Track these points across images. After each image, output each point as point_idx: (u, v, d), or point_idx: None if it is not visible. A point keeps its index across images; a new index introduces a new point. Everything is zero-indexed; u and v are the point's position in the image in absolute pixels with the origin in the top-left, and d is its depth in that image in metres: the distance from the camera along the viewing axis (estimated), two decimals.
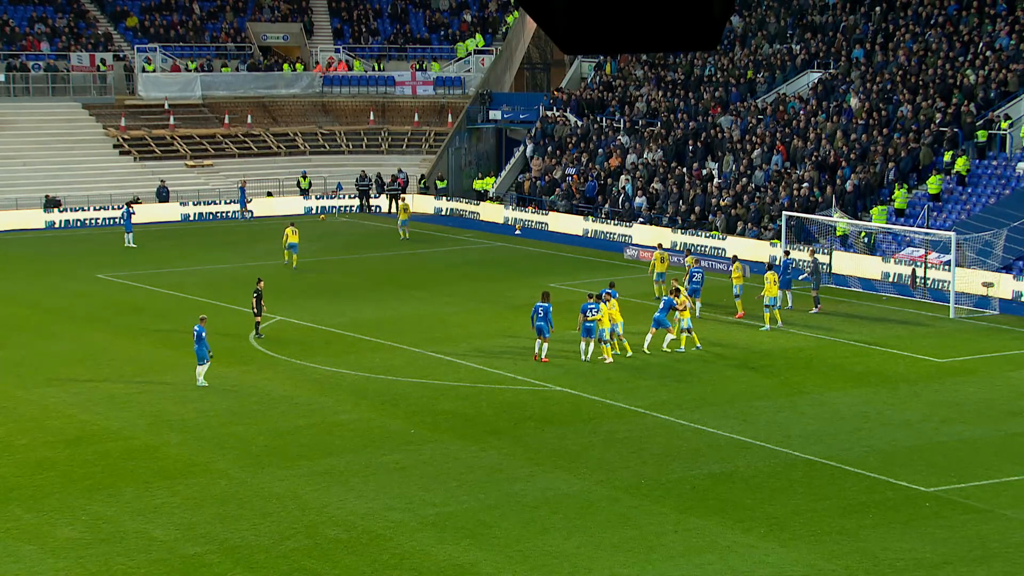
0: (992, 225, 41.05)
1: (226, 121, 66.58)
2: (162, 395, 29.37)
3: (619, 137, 58.84)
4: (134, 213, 51.35)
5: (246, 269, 46.71)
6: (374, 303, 40.11)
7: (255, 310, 34.39)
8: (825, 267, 40.33)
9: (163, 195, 60.35)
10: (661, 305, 32.55)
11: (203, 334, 29.57)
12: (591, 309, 31.42)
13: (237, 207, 59.36)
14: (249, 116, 67.05)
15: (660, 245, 41.73)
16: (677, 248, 47.71)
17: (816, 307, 37.78)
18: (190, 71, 68.01)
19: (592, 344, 31.43)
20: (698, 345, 32.61)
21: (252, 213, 58.91)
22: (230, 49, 70.77)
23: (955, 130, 48.18)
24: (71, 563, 19.85)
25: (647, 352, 32.14)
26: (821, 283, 38.97)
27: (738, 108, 56.14)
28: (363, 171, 62.80)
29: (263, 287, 34.77)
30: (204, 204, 59.96)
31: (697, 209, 51.78)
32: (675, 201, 52.96)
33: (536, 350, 31.58)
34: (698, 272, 36.74)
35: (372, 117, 68.66)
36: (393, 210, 60.92)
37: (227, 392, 29.45)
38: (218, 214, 59.63)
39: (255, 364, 32.07)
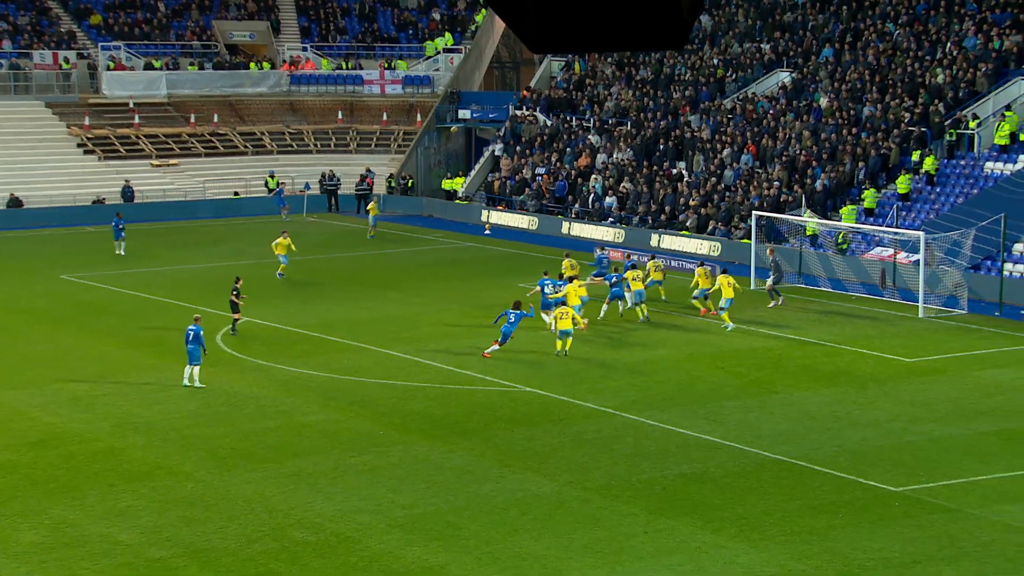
0: (961, 225, 41.40)
1: (192, 120, 66.21)
2: (127, 397, 29.18)
3: (589, 136, 58.95)
4: (122, 225, 48.52)
5: (211, 270, 46.50)
6: (342, 303, 39.99)
7: (233, 308, 34.82)
8: (785, 265, 40.39)
9: (128, 195, 59.96)
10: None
11: (200, 334, 29.30)
12: (548, 285, 34.18)
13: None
14: (215, 115, 66.72)
15: (703, 262, 41.01)
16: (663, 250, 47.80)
17: (773, 301, 38.09)
18: (155, 69, 67.60)
19: (551, 315, 33.10)
20: (646, 315, 35.51)
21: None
22: (196, 47, 70.41)
23: (924, 129, 48.55)
24: (34, 567, 19.69)
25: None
26: (783, 279, 39.20)
27: (708, 107, 56.36)
28: (331, 170, 62.63)
29: (241, 285, 34.96)
30: (170, 204, 59.64)
31: (667, 209, 51.94)
32: (645, 201, 53.11)
33: (490, 349, 31.78)
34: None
35: (340, 116, 68.46)
36: (362, 210, 60.83)
37: (193, 393, 29.29)
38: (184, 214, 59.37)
39: (222, 365, 31.91)
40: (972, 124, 47.42)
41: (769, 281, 38.97)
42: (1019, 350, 33.62)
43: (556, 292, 34.27)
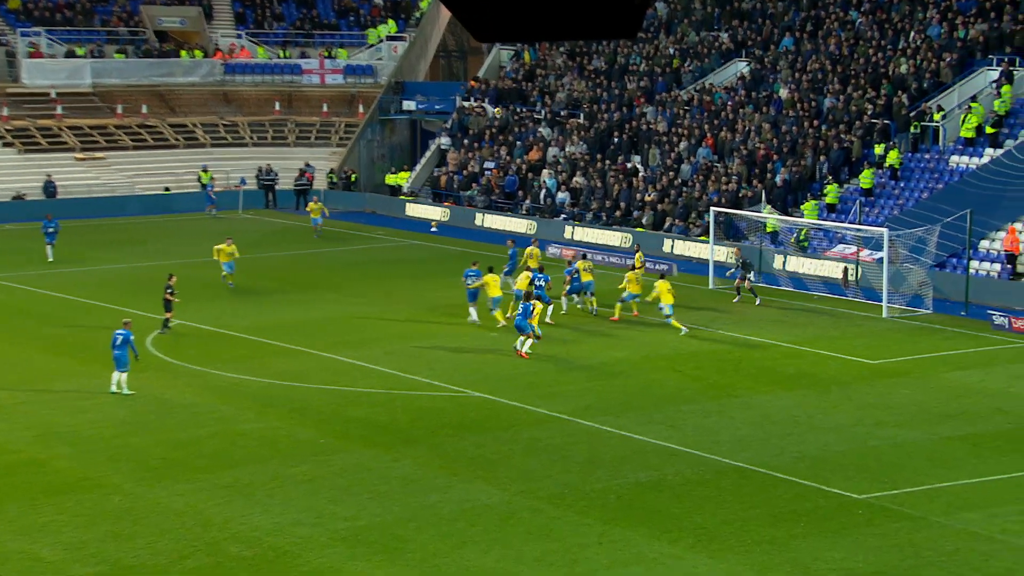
0: (925, 221, 41.92)
1: (119, 111, 65.61)
2: (51, 405, 28.89)
3: (540, 129, 59.09)
4: (54, 227, 46.11)
5: (140, 269, 46.09)
6: (280, 305, 39.80)
7: (166, 306, 34.80)
8: (752, 265, 40.69)
9: (50, 190, 59.30)
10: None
11: (130, 339, 29.03)
12: (472, 276, 35.70)
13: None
14: (144, 106, 66.15)
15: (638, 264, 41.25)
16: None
17: (738, 296, 38.77)
18: (79, 57, 66.90)
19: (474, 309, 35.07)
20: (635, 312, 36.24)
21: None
22: (123, 34, 69.78)
23: (887, 122, 49.13)
24: None
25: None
26: (748, 277, 39.40)
27: (664, 99, 56.68)
28: (268, 164, 62.31)
29: (175, 283, 34.91)
30: (96, 199, 59.09)
31: (622, 205, 52.17)
32: (599, 196, 53.33)
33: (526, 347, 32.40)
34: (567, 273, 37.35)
35: (277, 107, 68.13)
36: (301, 207, 60.54)
37: (122, 401, 29.04)
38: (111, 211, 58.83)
39: (152, 371, 31.66)
40: (937, 116, 48.04)
41: (737, 279, 39.18)
42: (986, 351, 34.12)
43: (476, 283, 35.48)
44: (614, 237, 49.97)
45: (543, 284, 35.60)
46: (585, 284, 37.26)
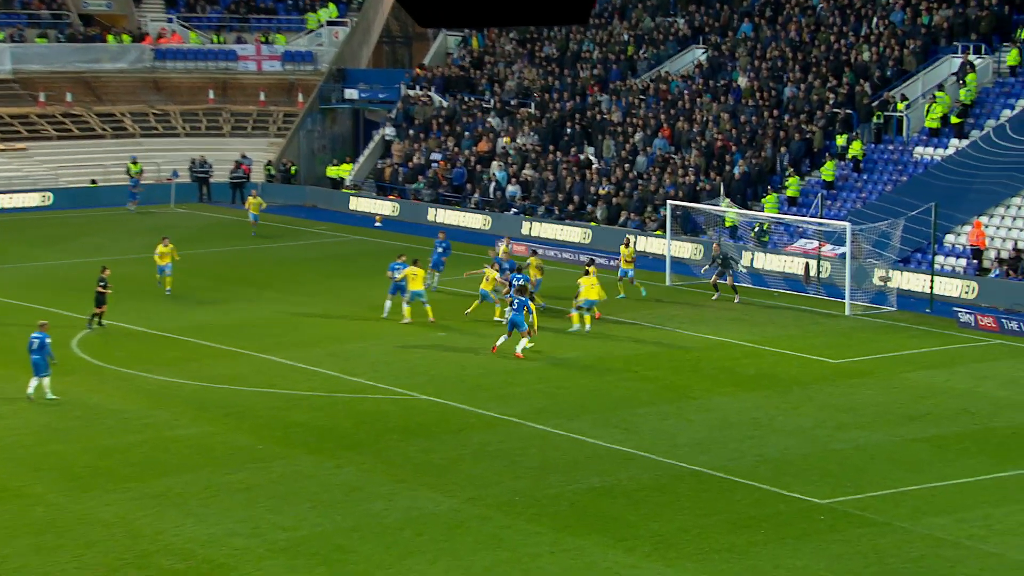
0: (889, 214, 42.31)
1: (41, 99, 64.87)
2: None
3: (489, 119, 59.08)
4: None
5: (65, 267, 45.64)
6: (216, 304, 39.54)
7: (97, 300, 34.47)
8: (735, 261, 40.60)
9: None
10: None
11: (46, 341, 28.64)
12: (397, 268, 36.00)
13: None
14: (68, 94, 65.45)
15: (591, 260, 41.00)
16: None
17: (718, 292, 38.91)
18: None
19: (404, 303, 35.58)
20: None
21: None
22: (45, 17, 68.95)
23: (849, 112, 49.55)
24: None
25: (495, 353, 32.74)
26: (730, 274, 39.26)
27: (618, 87, 56.85)
28: (202, 156, 61.88)
29: (108, 275, 34.70)
30: (15, 193, 58.39)
31: (575, 198, 52.29)
32: (551, 189, 53.41)
33: (501, 342, 32.58)
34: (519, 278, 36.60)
35: (211, 96, 67.64)
36: (238, 201, 60.17)
37: (44, 406, 28.73)
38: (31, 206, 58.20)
39: (78, 374, 31.36)
40: (900, 106, 48.52)
41: (714, 275, 39.21)
42: (951, 349, 34.52)
43: (401, 274, 35.90)
44: (574, 233, 49.86)
45: (516, 284, 35.04)
46: (536, 282, 37.30)
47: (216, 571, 20.27)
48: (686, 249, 45.68)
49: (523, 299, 32.52)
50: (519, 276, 35.18)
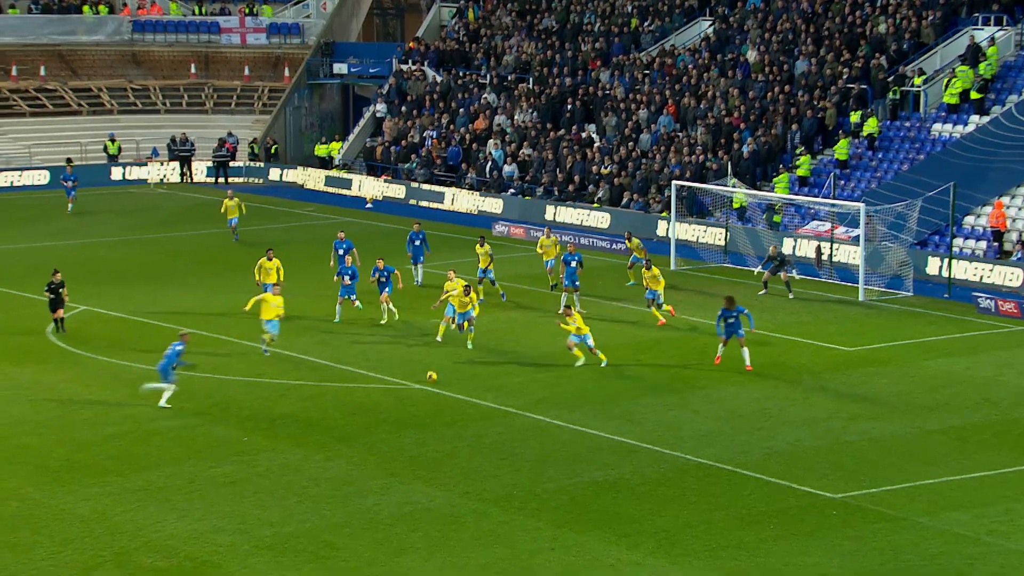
0: (905, 195, 42.34)
1: (13, 73, 64.81)
2: None
3: (485, 95, 59.04)
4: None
5: (40, 249, 45.63)
6: (199, 289, 39.56)
7: (52, 306, 33.42)
8: (790, 259, 40.16)
9: None
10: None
11: (177, 349, 28.09)
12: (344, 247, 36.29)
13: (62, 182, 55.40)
14: (42, 68, 65.38)
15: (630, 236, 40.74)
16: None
17: (791, 293, 38.41)
18: None
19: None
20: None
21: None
22: None
23: (864, 87, 49.53)
24: None
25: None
26: (786, 271, 38.65)
27: (621, 62, 56.80)
28: (184, 133, 61.83)
29: (60, 278, 33.61)
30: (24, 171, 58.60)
31: (576, 178, 52.28)
32: (551, 169, 53.39)
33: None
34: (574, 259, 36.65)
35: (193, 70, 67.58)
36: (221, 180, 60.21)
37: (19, 396, 28.76)
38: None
39: (53, 362, 31.40)
40: (917, 81, 48.50)
41: (767, 271, 38.69)
42: (971, 336, 34.57)
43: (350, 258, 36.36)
44: (602, 219, 49.09)
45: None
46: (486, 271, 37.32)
47: (200, 569, 20.32)
48: (692, 231, 45.68)
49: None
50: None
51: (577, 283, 36.41)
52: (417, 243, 39.64)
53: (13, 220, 51.45)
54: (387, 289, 35.05)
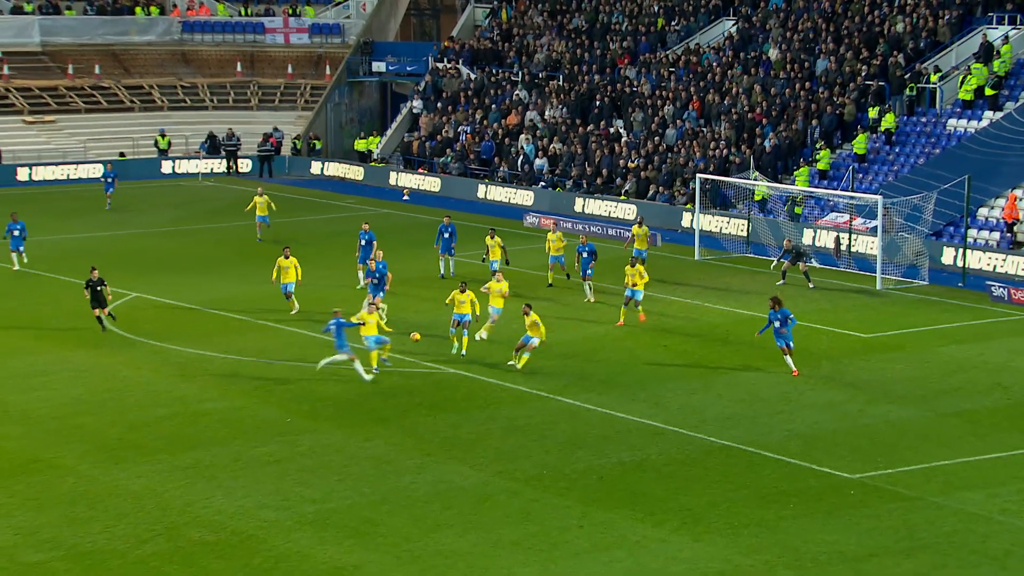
0: (921, 187, 42.08)
1: (70, 71, 65.12)
2: (0, 382, 28.74)
3: (517, 92, 58.95)
4: (19, 230, 40.25)
5: (94, 239, 45.88)
6: (243, 278, 39.67)
7: (93, 303, 32.20)
8: (807, 252, 39.80)
9: None
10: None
11: (342, 325, 28.14)
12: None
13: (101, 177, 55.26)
14: (97, 66, 65.67)
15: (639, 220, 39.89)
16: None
17: (811, 283, 37.99)
18: (27, 14, 66.28)
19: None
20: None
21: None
22: None
23: (882, 84, 49.22)
24: None
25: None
26: (804, 262, 38.27)
27: (648, 59, 56.60)
28: (229, 129, 62.01)
29: (98, 275, 32.61)
30: (45, 166, 58.72)
31: (604, 172, 52.17)
32: (579, 163, 53.29)
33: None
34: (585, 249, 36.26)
35: (239, 68, 67.74)
36: (265, 173, 60.41)
37: (76, 378, 28.95)
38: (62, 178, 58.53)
39: (108, 347, 31.58)
40: (934, 78, 48.15)
41: (786, 262, 38.34)
42: (984, 324, 34.34)
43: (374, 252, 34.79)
44: (628, 210, 48.79)
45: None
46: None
47: (245, 543, 20.41)
48: (715, 223, 45.53)
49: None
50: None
51: (590, 272, 36.01)
52: (447, 235, 39.15)
53: (69, 211, 51.73)
54: (380, 293, 33.12)
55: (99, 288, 32.44)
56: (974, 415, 26.70)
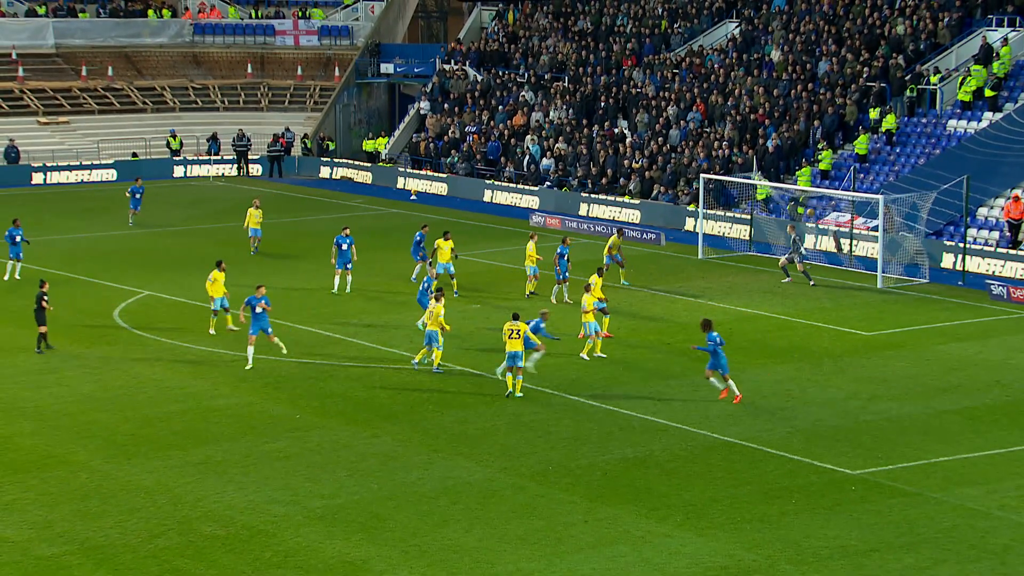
0: (921, 187, 42.01)
1: (83, 73, 65.19)
2: (13, 379, 28.82)
3: (523, 93, 58.93)
4: (20, 236, 38.57)
5: (108, 239, 45.93)
6: (253, 276, 39.63)
7: (38, 319, 30.44)
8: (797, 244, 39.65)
9: (12, 156, 58.98)
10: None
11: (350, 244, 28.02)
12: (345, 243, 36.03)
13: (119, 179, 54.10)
14: (110, 68, 65.74)
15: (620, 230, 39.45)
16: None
17: (787, 277, 37.94)
18: (41, 16, 66.36)
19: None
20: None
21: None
22: None
23: (883, 85, 49.15)
24: None
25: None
26: (798, 257, 38.09)
27: (652, 61, 56.55)
28: (240, 130, 62.05)
29: (47, 289, 31.06)
30: (59, 166, 58.78)
31: (609, 172, 52.13)
32: (584, 163, 53.26)
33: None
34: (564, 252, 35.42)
35: (250, 70, 67.79)
36: (275, 174, 60.46)
37: (88, 375, 28.98)
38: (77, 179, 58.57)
39: (120, 344, 31.61)
40: (934, 79, 48.07)
41: (783, 259, 38.25)
42: (984, 322, 34.27)
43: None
44: (633, 214, 48.54)
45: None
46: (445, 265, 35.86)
47: (256, 537, 20.43)
48: (718, 223, 45.47)
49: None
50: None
51: (566, 275, 35.16)
52: (423, 245, 37.44)
53: (83, 211, 51.79)
54: (348, 264, 35.89)
55: (42, 301, 30.47)
56: (974, 412, 26.65)
